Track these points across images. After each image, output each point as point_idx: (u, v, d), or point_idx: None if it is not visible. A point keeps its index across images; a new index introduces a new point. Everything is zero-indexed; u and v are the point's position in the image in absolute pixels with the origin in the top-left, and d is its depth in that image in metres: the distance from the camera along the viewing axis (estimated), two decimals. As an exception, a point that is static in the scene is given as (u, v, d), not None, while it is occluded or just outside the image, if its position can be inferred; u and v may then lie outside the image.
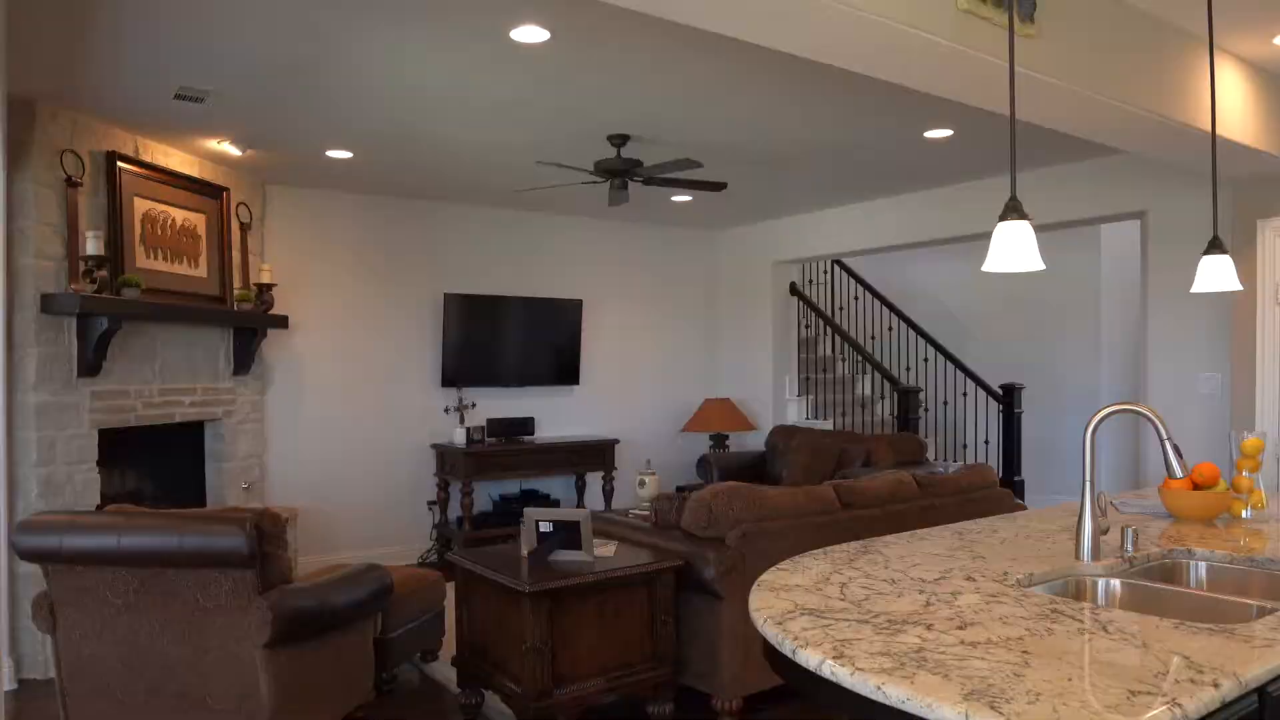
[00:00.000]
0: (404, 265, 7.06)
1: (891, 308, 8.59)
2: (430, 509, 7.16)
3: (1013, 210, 2.15)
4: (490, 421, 7.18)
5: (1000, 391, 7.38)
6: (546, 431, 7.75)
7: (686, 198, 7.10)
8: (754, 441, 8.30)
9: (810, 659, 1.55)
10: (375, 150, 5.56)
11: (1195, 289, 3.04)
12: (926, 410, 8.70)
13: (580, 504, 7.62)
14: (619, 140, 5.27)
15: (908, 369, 8.80)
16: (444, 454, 7.02)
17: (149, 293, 4.96)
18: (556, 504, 7.46)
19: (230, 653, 2.97)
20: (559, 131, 5.16)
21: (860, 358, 8.52)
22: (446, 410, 7.22)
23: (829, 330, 8.91)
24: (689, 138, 5.29)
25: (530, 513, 3.70)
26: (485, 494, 7.39)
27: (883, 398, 9.09)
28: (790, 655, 1.62)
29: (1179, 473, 2.25)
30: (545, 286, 7.79)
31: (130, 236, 4.97)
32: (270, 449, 6.42)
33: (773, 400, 8.17)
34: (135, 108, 4.61)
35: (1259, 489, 2.96)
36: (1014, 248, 2.14)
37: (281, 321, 6.05)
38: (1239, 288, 3.03)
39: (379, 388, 6.93)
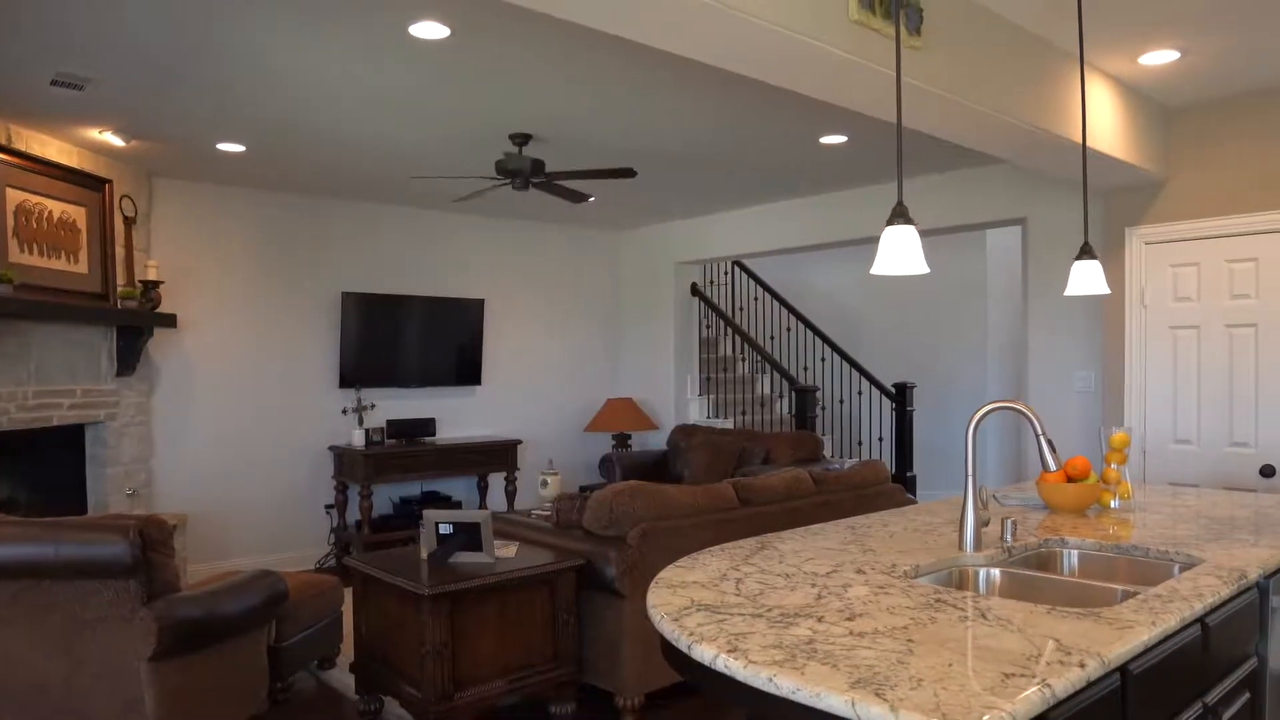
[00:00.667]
0: (300, 263, 6.88)
1: (790, 309, 8.78)
2: (328, 513, 7.00)
3: (899, 216, 2.24)
4: (390, 423, 7.06)
5: (893, 390, 7.62)
6: (448, 432, 7.66)
7: (590, 197, 7.11)
8: (656, 440, 8.37)
9: (705, 654, 1.59)
10: (270, 144, 5.40)
11: (1068, 292, 3.21)
12: (824, 409, 8.92)
13: (483, 505, 7.56)
14: (521, 139, 5.25)
15: (805, 368, 9.01)
16: (342, 456, 6.87)
17: (23, 289, 4.71)
18: (459, 506, 7.38)
19: (112, 667, 2.85)
20: (461, 129, 5.11)
21: (760, 357, 8.68)
22: (345, 411, 7.07)
23: (729, 330, 9.05)
24: (592, 138, 5.31)
25: (430, 515, 3.66)
26: (385, 496, 7.27)
27: (781, 396, 9.29)
28: (686, 651, 1.65)
29: (1053, 466, 2.37)
30: (447, 285, 7.70)
31: (2, 229, 4.71)
32: (157, 453, 6.17)
33: (674, 399, 8.26)
34: (7, 93, 4.38)
35: (1126, 480, 3.14)
36: (900, 252, 2.22)
37: (169, 320, 5.82)
38: (1107, 291, 3.21)
39: (274, 389, 6.74)
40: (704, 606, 1.86)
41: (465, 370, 7.67)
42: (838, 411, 9.04)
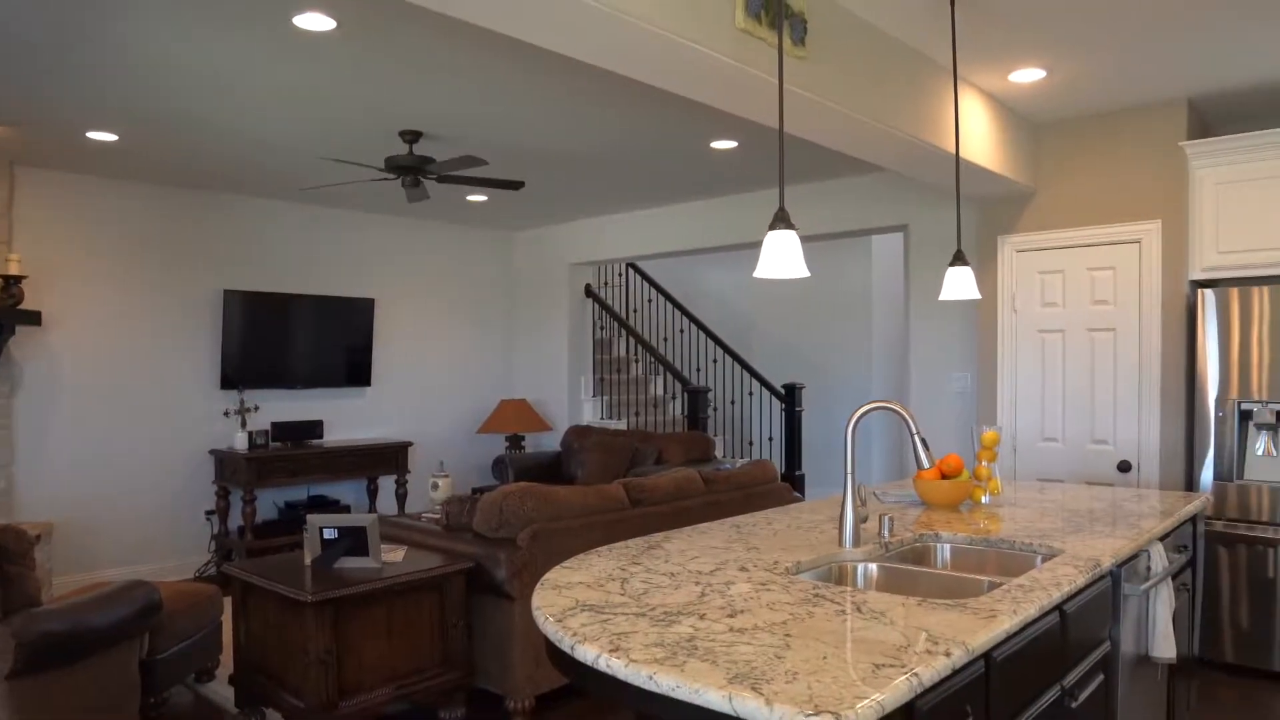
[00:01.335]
0: (179, 259, 6.60)
1: (683, 310, 8.89)
2: (208, 519, 6.73)
3: (781, 221, 2.30)
4: (275, 425, 6.84)
5: (783, 391, 7.79)
6: (336, 434, 7.47)
7: (482, 197, 7.05)
8: (550, 442, 8.36)
9: (588, 654, 1.60)
10: (146, 134, 5.17)
11: (942, 297, 3.35)
12: (715, 409, 9.06)
13: (372, 509, 7.40)
14: (411, 136, 5.17)
15: (698, 370, 9.13)
16: (223, 460, 6.62)
17: None
18: (347, 510, 7.21)
19: (-35, 685, 2.68)
20: (348, 125, 5.00)
21: (653, 359, 8.75)
22: (227, 414, 6.82)
23: (623, 332, 9.10)
24: (484, 137, 5.26)
25: (314, 519, 3.57)
26: (270, 501, 7.04)
27: (674, 397, 9.39)
28: (569, 652, 1.66)
29: (926, 464, 2.47)
30: (335, 284, 7.50)
31: None
32: (19, 458, 5.83)
33: (568, 401, 8.25)
34: None
35: (996, 477, 3.29)
36: (782, 256, 2.28)
37: (33, 318, 5.51)
38: (978, 296, 3.36)
39: (149, 390, 6.44)
40: (588, 607, 1.87)
41: (354, 371, 7.49)
42: (729, 412, 9.19)
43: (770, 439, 8.32)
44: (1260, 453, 4.32)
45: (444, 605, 3.69)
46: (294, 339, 7.09)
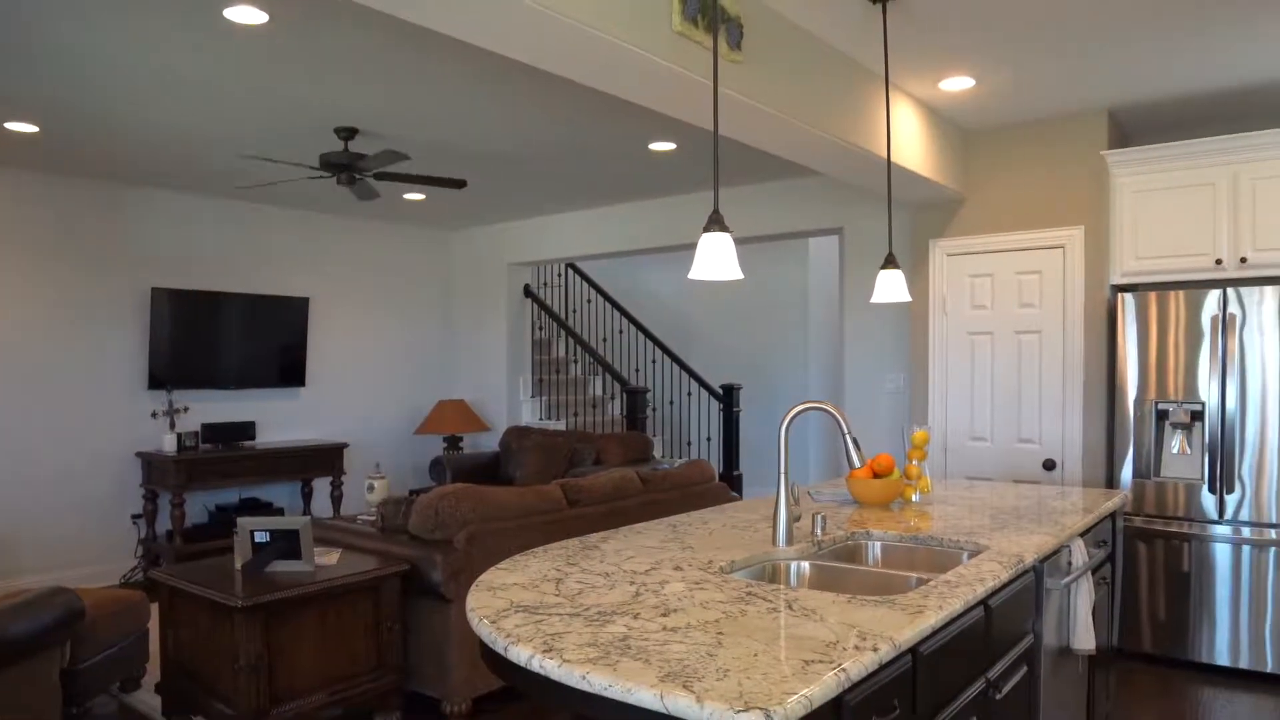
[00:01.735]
0: (105, 256, 6.41)
1: (622, 311, 8.91)
2: (135, 523, 6.55)
3: (715, 223, 2.32)
4: (205, 426, 6.69)
5: (721, 392, 7.85)
6: (270, 436, 7.33)
7: (419, 196, 6.99)
8: (489, 442, 8.31)
9: (521, 654, 1.60)
10: (69, 126, 5.01)
11: (874, 299, 3.42)
12: (654, 410, 9.10)
13: (307, 511, 7.28)
14: (346, 133, 5.10)
15: (637, 370, 9.16)
16: (151, 462, 6.45)
17: None
18: (281, 512, 7.08)
19: (-127, 699, 2.58)
20: (282, 120, 4.91)
21: (592, 359, 8.75)
22: (154, 415, 6.64)
23: (562, 332, 9.08)
24: (422, 135, 5.22)
25: (244, 522, 3.51)
26: (200, 505, 6.88)
27: (613, 398, 9.40)
28: (503, 653, 1.66)
29: (857, 463, 2.52)
30: (268, 283, 7.36)
31: None
32: (-69, 463, 5.62)
33: (507, 401, 8.22)
34: None
35: (926, 476, 3.37)
36: (716, 257, 2.30)
37: (-54, 317, 5.31)
38: (909, 299, 3.43)
39: (71, 391, 6.25)
40: (523, 608, 1.87)
41: (288, 371, 7.36)
42: (668, 412, 9.24)
43: (709, 439, 8.39)
44: (1175, 451, 4.49)
45: (379, 608, 3.65)
46: (225, 338, 6.94)
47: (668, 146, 5.48)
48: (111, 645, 3.80)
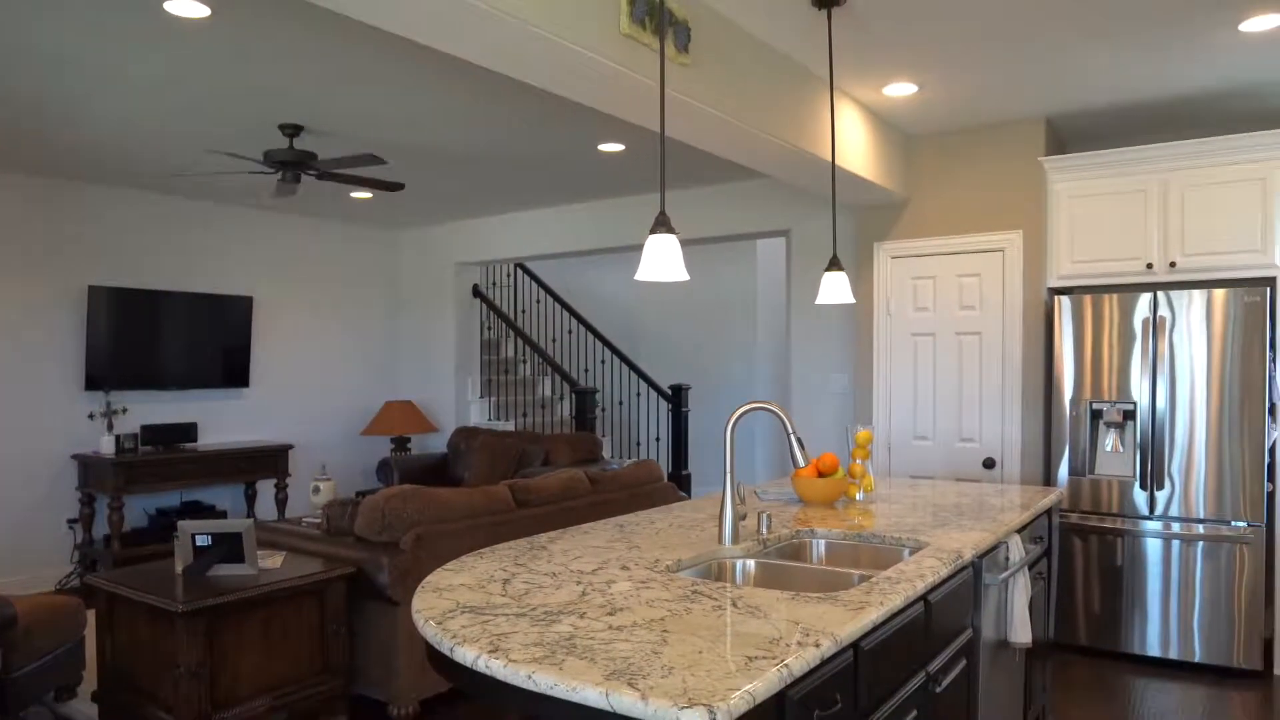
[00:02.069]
0: (40, 253, 6.23)
1: (571, 311, 8.90)
2: (71, 528, 6.38)
3: (661, 225, 2.34)
4: (145, 428, 6.54)
5: (670, 392, 7.89)
6: (212, 437, 7.20)
7: (366, 195, 6.92)
8: (437, 443, 8.25)
9: (467, 655, 1.61)
10: (3, 119, 4.87)
11: (818, 301, 3.47)
12: (603, 410, 9.11)
13: (251, 514, 7.16)
14: (291, 130, 5.03)
15: (586, 370, 9.16)
16: (88, 465, 6.29)
17: None
18: (223, 515, 6.95)
19: None
20: (225, 116, 4.83)
21: (541, 359, 8.74)
22: (92, 416, 6.48)
23: (511, 332, 9.05)
24: (368, 133, 5.17)
25: (185, 526, 3.45)
26: (139, 508, 6.73)
27: (562, 398, 9.39)
28: (449, 654, 1.66)
29: (801, 462, 2.56)
30: (211, 281, 7.22)
31: None
32: None
33: (455, 402, 8.17)
34: None
35: (870, 474, 3.43)
36: (662, 259, 2.33)
37: None
38: (852, 301, 3.49)
39: (5, 392, 6.07)
40: (469, 609, 1.87)
41: (232, 371, 7.23)
42: (617, 413, 9.26)
43: (657, 439, 8.42)
44: (1109, 449, 4.63)
45: (324, 611, 3.61)
46: (166, 338, 6.80)
47: (616, 148, 5.49)
48: (46, 653, 3.70)
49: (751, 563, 2.55)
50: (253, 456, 6.93)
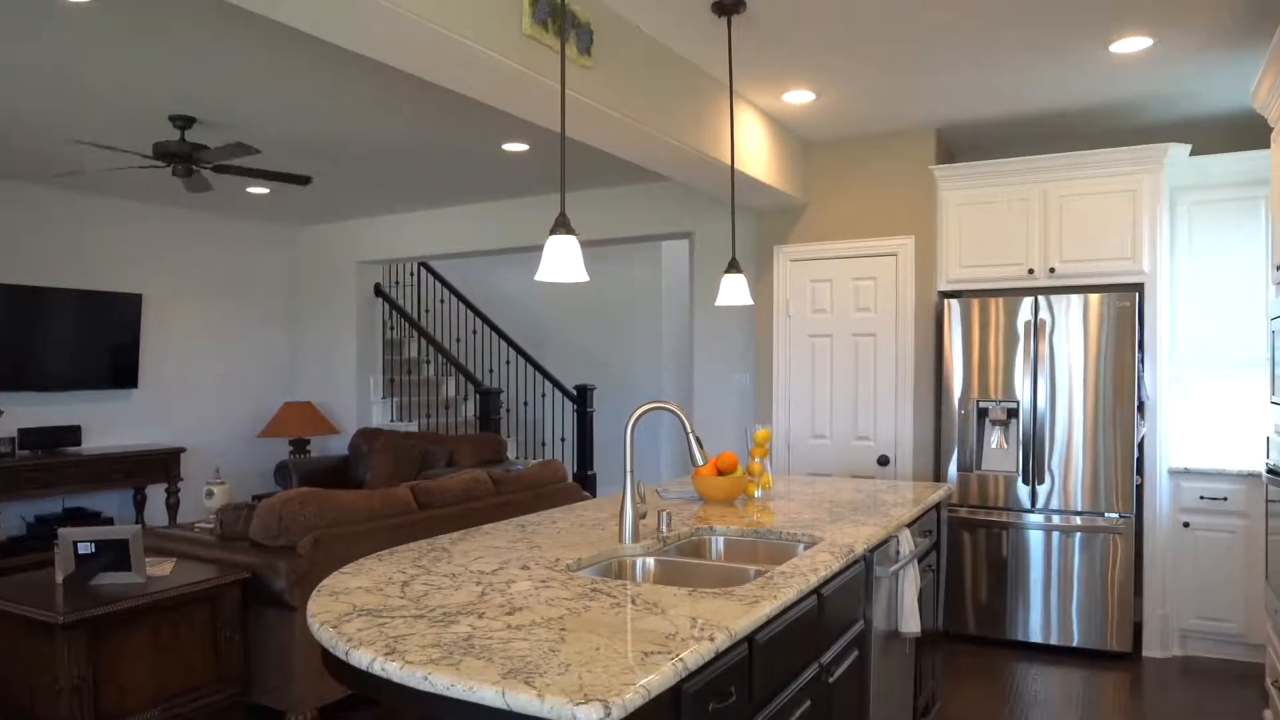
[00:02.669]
0: (-100, 248, 5.88)
1: (476, 311, 8.83)
2: (-62, 538, 6.05)
3: (561, 226, 2.36)
4: (23, 431, 6.23)
5: (575, 392, 7.90)
6: (98, 441, 6.90)
7: (263, 189, 6.73)
8: (338, 445, 8.08)
9: (363, 658, 1.60)
10: None
11: (718, 303, 3.54)
12: (508, 410, 9.07)
13: (139, 520, 6.89)
14: (183, 122, 4.87)
15: (491, 371, 9.10)
16: (-43, 472, 5.96)
17: None
18: (110, 522, 6.67)
19: None
20: (112, 105, 4.64)
21: (445, 360, 8.65)
22: (-39, 420, 6.15)
23: (415, 332, 8.93)
24: (266, 127, 5.03)
25: (66, 534, 3.31)
26: (17, 515, 6.40)
27: (467, 399, 9.31)
28: (344, 657, 1.64)
29: (700, 460, 2.61)
30: (97, 278, 6.92)
31: None
32: None
33: (356, 402, 8.01)
34: None
35: (768, 472, 3.51)
36: (562, 260, 2.34)
37: None
38: (750, 302, 3.57)
39: None
40: (366, 611, 1.86)
41: (119, 371, 6.94)
42: (522, 413, 9.22)
43: (563, 439, 8.42)
44: (994, 446, 4.84)
45: (217, 619, 3.52)
46: (47, 336, 6.49)
47: (520, 147, 5.48)
48: (-88, 670, 3.51)
49: (651, 560, 2.59)
50: (141, 460, 6.67)
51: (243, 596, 3.62)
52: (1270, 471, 3.72)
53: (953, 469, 4.92)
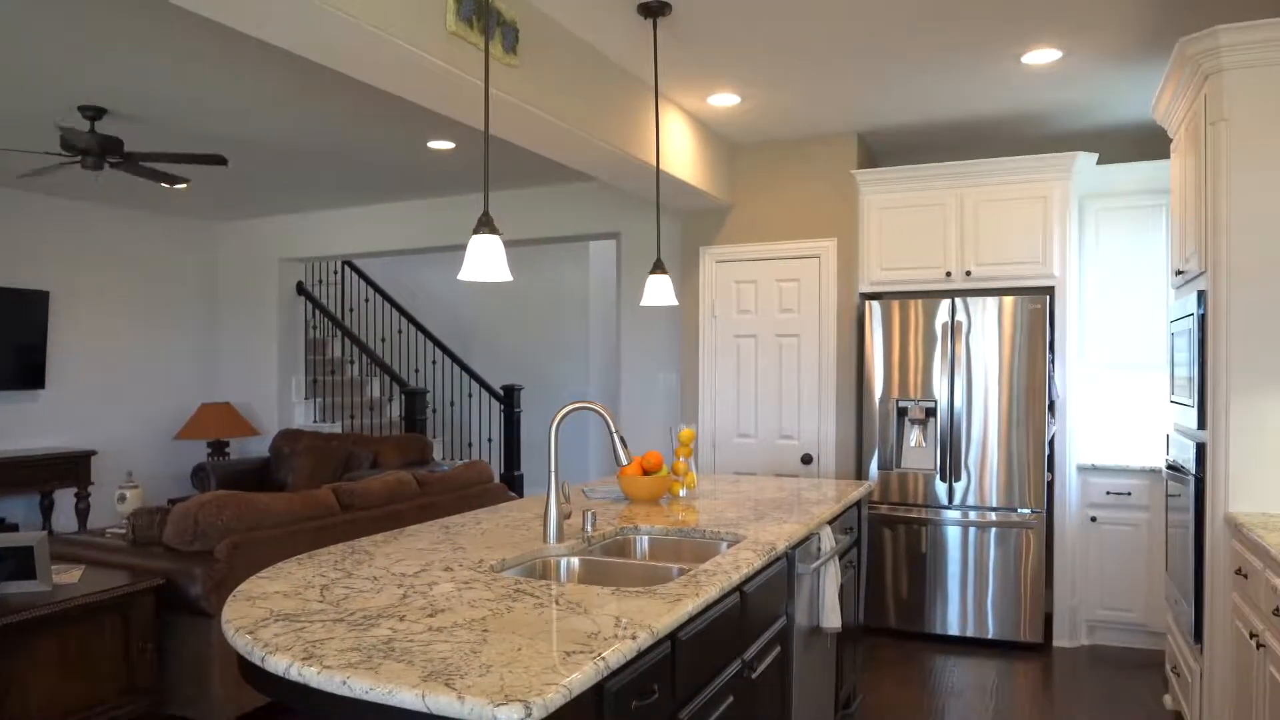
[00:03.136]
0: None
1: (401, 311, 8.71)
2: None
3: (485, 225, 2.35)
4: (-83, 436, 5.96)
5: (502, 392, 7.86)
6: (2, 444, 6.62)
7: (180, 185, 6.53)
8: (258, 447, 7.89)
9: (279, 664, 1.57)
10: None
11: (643, 303, 3.56)
12: (435, 411, 8.97)
13: (46, 526, 6.63)
14: (93, 113, 4.70)
15: (417, 371, 8.99)
16: None
17: None
18: (15, 528, 6.40)
19: None
20: (16, 94, 4.46)
21: (370, 360, 8.51)
22: None
23: (339, 332, 8.77)
24: (183, 120, 4.89)
25: (-34, 542, 3.17)
26: (-90, 524, 6.11)
27: (392, 399, 9.18)
28: (260, 664, 1.61)
29: (624, 460, 2.63)
30: (1, 274, 6.65)
31: None
32: None
33: (278, 404, 7.84)
34: None
35: (693, 472, 3.55)
36: (485, 259, 2.34)
37: None
38: (675, 303, 3.60)
39: None
40: (284, 616, 1.83)
41: (25, 371, 6.67)
42: (449, 414, 9.13)
43: (490, 440, 8.37)
44: (914, 444, 4.96)
45: (129, 628, 3.41)
46: (-56, 336, 6.21)
47: (447, 145, 5.43)
48: None
49: (576, 560, 2.60)
50: (49, 464, 6.43)
51: (156, 604, 3.52)
52: (1170, 467, 3.89)
53: (874, 467, 5.03)
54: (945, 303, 4.87)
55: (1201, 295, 3.26)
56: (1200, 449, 3.27)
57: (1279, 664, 2.44)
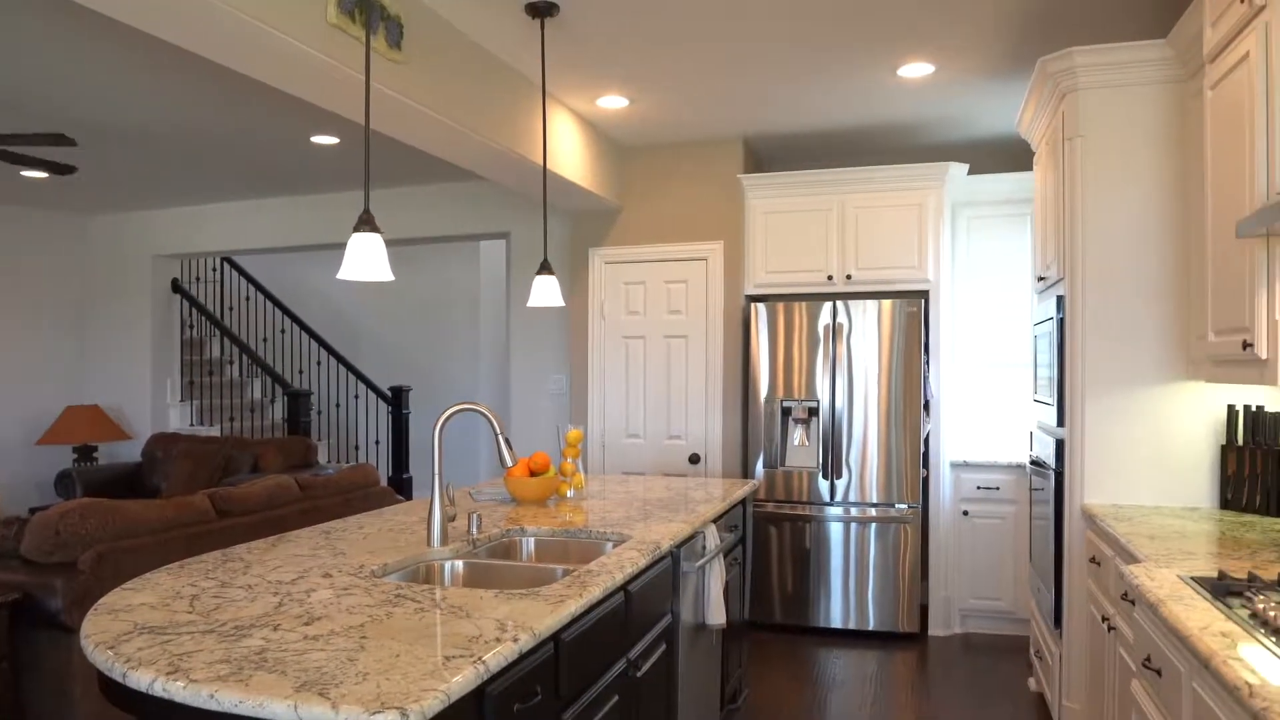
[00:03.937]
0: None
1: (284, 309, 8.45)
2: None
3: (365, 223, 2.31)
4: None
5: (390, 394, 7.71)
6: None
7: (40, 174, 6.18)
8: (129, 452, 7.53)
9: (142, 679, 1.51)
10: None
11: (530, 304, 3.56)
12: (320, 413, 8.73)
13: (-113, 540, 6.17)
14: (-61, 99, 4.42)
15: (301, 372, 8.74)
16: None
17: None
18: None
19: None
20: None
21: (251, 360, 8.23)
22: None
23: (217, 331, 8.45)
24: (46, 106, 4.63)
25: None
26: None
27: (274, 401, 8.90)
28: (121, 680, 1.55)
29: (509, 462, 2.62)
30: None
31: None
32: None
33: (152, 406, 7.49)
34: None
35: (580, 473, 3.56)
36: (365, 258, 2.30)
37: None
38: (562, 304, 3.62)
39: None
40: (149, 629, 1.76)
41: None
42: (334, 416, 8.90)
43: (378, 442, 8.20)
44: (797, 443, 5.09)
45: (-19, 645, 3.21)
46: None
47: (330, 140, 5.30)
48: None
49: (460, 563, 2.58)
50: (-108, 472, 5.99)
51: (11, 620, 3.32)
52: (1033, 463, 4.11)
53: (759, 466, 5.14)
54: (827, 305, 5.01)
55: (1061, 300, 3.45)
56: (1060, 445, 3.46)
57: (1127, 645, 2.60)
